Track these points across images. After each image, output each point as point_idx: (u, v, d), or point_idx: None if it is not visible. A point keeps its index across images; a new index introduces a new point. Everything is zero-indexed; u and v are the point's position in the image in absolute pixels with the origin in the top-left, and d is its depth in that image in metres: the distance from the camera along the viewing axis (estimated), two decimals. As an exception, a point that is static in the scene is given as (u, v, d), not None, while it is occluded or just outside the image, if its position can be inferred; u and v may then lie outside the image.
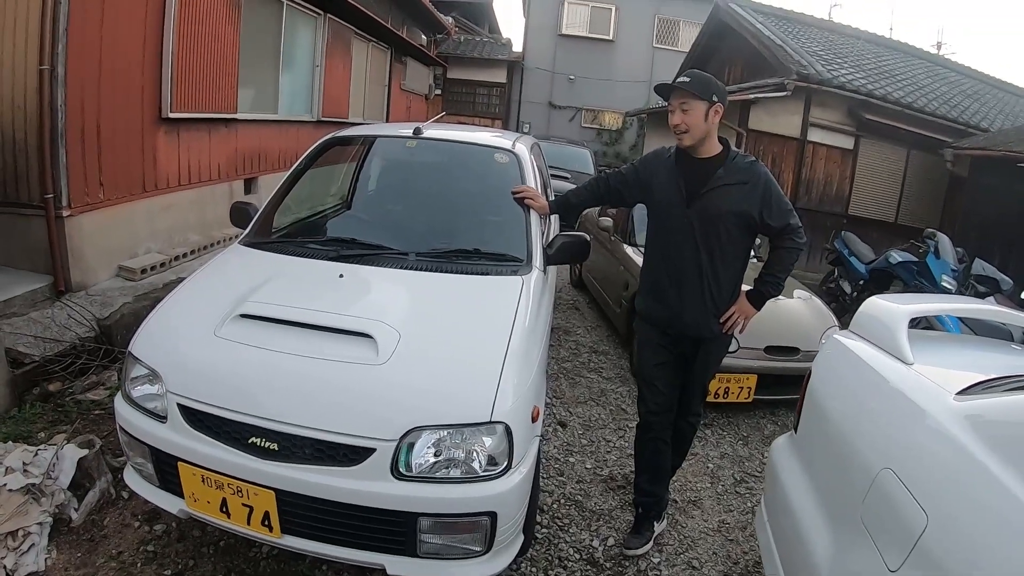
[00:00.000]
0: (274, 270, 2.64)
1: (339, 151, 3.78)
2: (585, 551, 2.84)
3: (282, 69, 7.27)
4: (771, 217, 2.56)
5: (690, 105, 2.50)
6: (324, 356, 2.07)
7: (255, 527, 2.00)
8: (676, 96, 2.54)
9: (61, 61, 4.00)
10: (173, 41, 5.03)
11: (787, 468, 2.19)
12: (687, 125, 2.52)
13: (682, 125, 2.53)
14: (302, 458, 1.94)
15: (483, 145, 3.73)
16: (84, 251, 4.43)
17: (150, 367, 2.16)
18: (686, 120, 2.52)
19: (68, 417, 3.26)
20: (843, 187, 9.98)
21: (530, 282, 2.68)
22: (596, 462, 3.60)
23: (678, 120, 2.53)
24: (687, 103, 2.51)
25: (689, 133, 2.54)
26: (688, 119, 2.51)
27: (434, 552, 2.00)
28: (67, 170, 4.18)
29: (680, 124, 2.53)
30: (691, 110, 2.50)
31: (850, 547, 1.62)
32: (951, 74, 12.91)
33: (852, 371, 2.06)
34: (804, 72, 9.19)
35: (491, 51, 20.03)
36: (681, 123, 2.53)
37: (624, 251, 5.52)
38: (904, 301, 2.23)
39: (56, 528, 2.50)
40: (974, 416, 1.48)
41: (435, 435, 1.96)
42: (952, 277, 5.77)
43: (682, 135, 2.55)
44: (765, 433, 4.27)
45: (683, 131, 2.54)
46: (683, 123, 2.52)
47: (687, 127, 2.52)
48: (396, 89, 12.64)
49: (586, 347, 5.45)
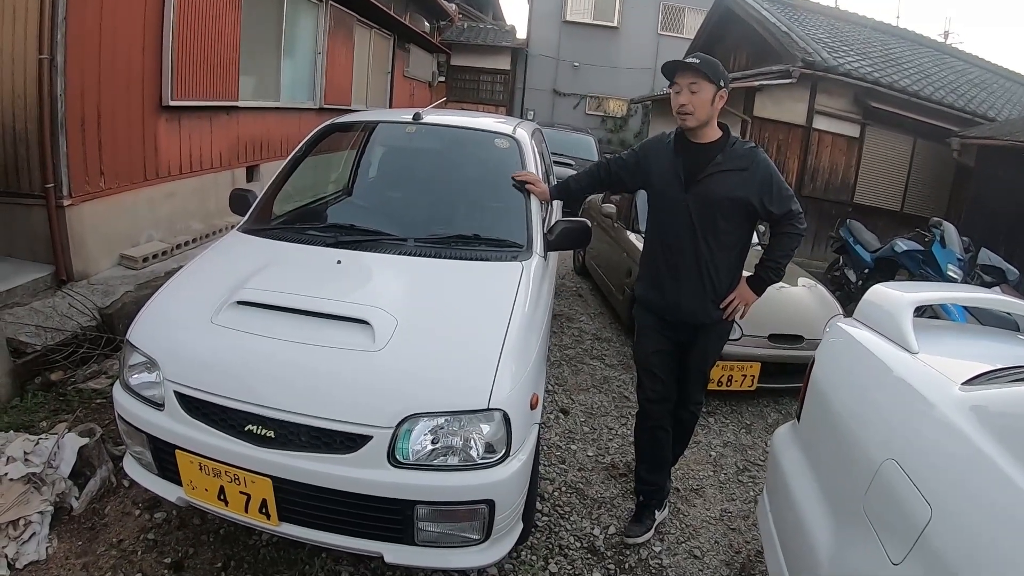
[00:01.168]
0: (272, 256, 2.62)
1: (339, 137, 3.75)
2: (586, 539, 2.83)
3: (284, 56, 7.24)
4: (772, 204, 2.51)
5: (700, 86, 2.45)
6: (321, 343, 2.06)
7: (253, 515, 1.99)
8: (686, 75, 2.47)
9: (60, 50, 3.97)
10: (173, 28, 5.00)
11: (789, 457, 2.16)
12: (693, 106, 2.47)
13: (688, 106, 2.47)
14: (299, 445, 1.93)
15: (483, 130, 3.71)
16: (85, 240, 4.42)
17: (147, 355, 2.15)
18: (693, 101, 2.46)
19: (70, 406, 3.26)
20: (849, 175, 9.93)
21: (530, 268, 2.66)
22: (598, 450, 3.59)
23: (685, 100, 2.47)
24: (697, 83, 2.45)
25: (694, 115, 2.48)
26: (695, 100, 2.46)
27: (432, 540, 1.99)
28: (68, 159, 4.17)
29: (687, 104, 2.47)
30: (699, 91, 2.45)
31: (852, 539, 1.60)
32: (958, 63, 12.81)
33: (856, 360, 2.03)
34: (810, 59, 9.11)
35: (495, 38, 19.91)
36: (688, 103, 2.47)
37: (627, 238, 5.49)
38: (909, 289, 2.19)
39: (57, 517, 2.51)
40: (979, 407, 1.45)
41: (432, 422, 1.94)
42: (958, 266, 5.74)
43: (686, 116, 2.49)
44: (768, 422, 4.24)
45: (688, 112, 2.48)
46: (690, 103, 2.47)
47: (693, 108, 2.47)
48: (399, 76, 12.60)
49: (589, 334, 5.43)
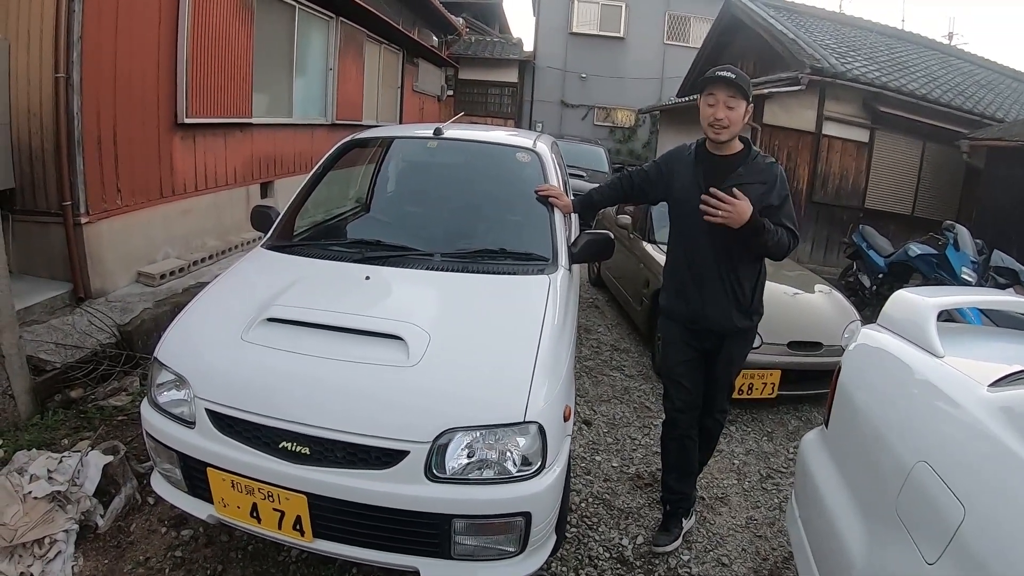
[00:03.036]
0: (299, 273, 2.62)
1: (359, 153, 3.76)
2: (615, 550, 2.81)
3: (296, 72, 7.30)
4: (777, 215, 2.53)
5: (736, 102, 2.46)
6: (354, 359, 2.05)
7: (286, 532, 1.98)
8: (726, 90, 2.47)
9: (76, 68, 4.02)
10: (187, 46, 5.05)
11: (818, 463, 2.16)
12: (729, 120, 2.47)
13: (725, 120, 2.47)
14: (334, 462, 1.92)
15: (504, 144, 3.71)
16: (103, 258, 4.45)
17: (177, 372, 2.15)
18: (729, 116, 2.47)
19: (91, 424, 3.26)
20: (859, 180, 9.89)
21: (557, 281, 2.65)
22: (622, 460, 3.57)
23: (722, 115, 2.47)
24: (734, 99, 2.46)
25: (729, 129, 2.49)
26: (732, 115, 2.46)
27: (468, 554, 1.97)
28: (84, 177, 4.21)
29: (724, 119, 2.47)
30: (736, 107, 2.46)
31: (885, 541, 1.61)
32: (965, 64, 12.77)
33: (883, 365, 2.04)
34: (818, 65, 9.10)
35: (502, 51, 19.96)
36: (725, 118, 2.47)
37: (643, 248, 5.48)
38: (931, 294, 2.20)
39: (82, 535, 2.50)
40: (1008, 407, 1.47)
41: (468, 436, 1.93)
42: (972, 269, 5.72)
43: (722, 130, 2.49)
44: (789, 428, 4.22)
45: (724, 126, 2.48)
46: (726, 118, 2.47)
47: (729, 122, 2.48)
48: (408, 91, 12.68)
49: (607, 345, 5.42)
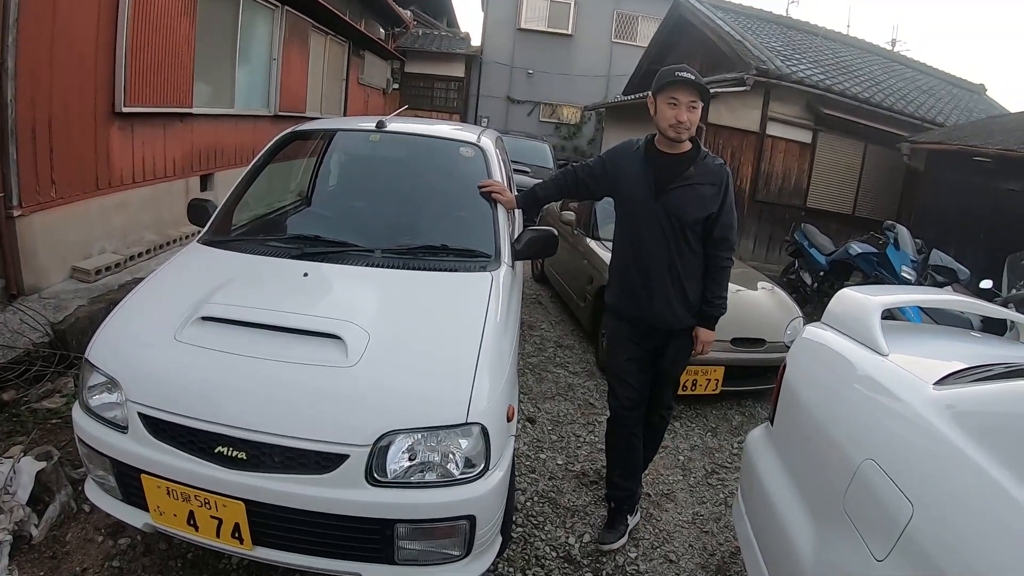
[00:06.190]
0: (235, 269, 2.54)
1: (300, 145, 3.68)
2: (561, 548, 2.82)
3: (238, 62, 7.07)
4: (716, 225, 2.59)
5: (697, 104, 2.49)
6: (291, 359, 2.00)
7: (225, 540, 1.92)
8: (689, 93, 2.48)
9: (11, 53, 3.80)
10: (127, 33, 4.84)
11: (764, 460, 2.19)
12: (691, 123, 2.50)
13: (687, 123, 2.49)
14: (272, 467, 1.87)
15: (449, 139, 3.67)
16: (36, 252, 4.25)
17: (108, 374, 2.06)
18: (691, 118, 2.49)
19: (24, 427, 3.10)
20: (801, 180, 10.16)
21: (499, 278, 2.64)
22: (567, 458, 3.58)
23: (685, 117, 2.48)
24: (696, 102, 2.49)
25: (689, 131, 2.52)
26: (692, 117, 2.49)
27: (412, 559, 1.95)
28: (18, 167, 3.99)
29: (685, 122, 2.48)
30: (697, 109, 2.49)
31: (834, 538, 1.63)
32: (907, 70, 13.23)
33: (828, 363, 2.08)
34: (763, 67, 9.31)
35: (449, 45, 19.83)
36: (687, 120, 2.48)
37: (587, 245, 5.50)
38: (876, 293, 2.26)
39: (16, 546, 2.37)
40: (953, 406, 1.50)
41: (410, 439, 1.90)
42: (911, 268, 5.92)
43: (684, 132, 2.52)
44: (733, 424, 4.31)
45: (686, 128, 2.51)
46: (688, 120, 2.49)
47: (690, 124, 2.50)
48: (354, 83, 12.46)
49: (551, 342, 5.43)
